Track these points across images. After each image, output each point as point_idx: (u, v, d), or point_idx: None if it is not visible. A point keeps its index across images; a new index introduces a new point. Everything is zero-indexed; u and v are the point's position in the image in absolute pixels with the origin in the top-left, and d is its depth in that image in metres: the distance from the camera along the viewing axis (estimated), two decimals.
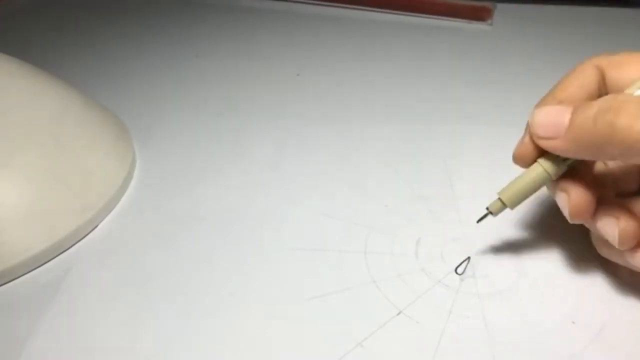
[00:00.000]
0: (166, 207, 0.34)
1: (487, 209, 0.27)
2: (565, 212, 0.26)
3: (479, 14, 0.56)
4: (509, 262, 0.29)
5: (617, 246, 0.25)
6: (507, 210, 0.27)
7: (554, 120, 0.24)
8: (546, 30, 0.54)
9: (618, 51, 0.26)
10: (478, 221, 0.28)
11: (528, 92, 0.44)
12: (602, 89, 0.26)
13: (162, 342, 0.26)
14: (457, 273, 0.29)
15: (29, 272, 0.30)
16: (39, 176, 0.31)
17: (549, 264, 0.29)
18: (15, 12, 0.61)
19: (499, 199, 0.27)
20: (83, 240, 0.32)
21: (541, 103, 0.27)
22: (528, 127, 0.26)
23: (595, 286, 0.27)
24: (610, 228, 0.25)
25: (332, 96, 0.45)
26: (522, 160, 0.27)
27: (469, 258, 0.29)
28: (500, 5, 0.58)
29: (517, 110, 0.41)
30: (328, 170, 0.36)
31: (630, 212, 0.25)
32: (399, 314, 0.27)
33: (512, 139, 0.27)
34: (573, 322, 0.26)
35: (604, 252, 0.27)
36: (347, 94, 0.45)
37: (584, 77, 0.26)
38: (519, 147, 0.27)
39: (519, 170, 0.27)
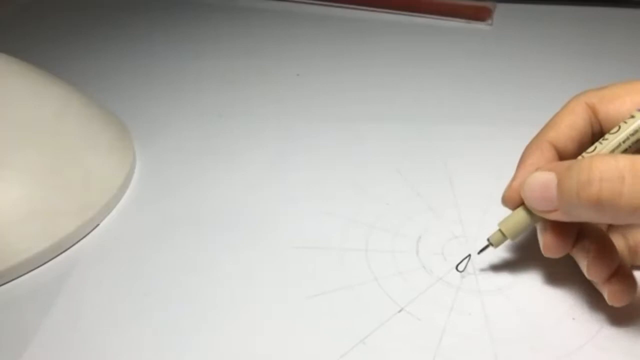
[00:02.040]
0: (166, 207, 0.34)
1: (488, 240, 0.27)
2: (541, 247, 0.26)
3: (479, 14, 0.56)
4: (509, 259, 0.29)
5: (587, 277, 0.25)
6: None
7: (543, 195, 0.23)
8: (546, 30, 0.54)
9: (605, 85, 0.26)
10: (479, 252, 0.28)
11: (528, 91, 0.44)
12: (595, 126, 0.26)
13: (162, 341, 0.26)
14: (458, 270, 0.29)
15: (29, 272, 0.30)
16: (38, 176, 0.31)
17: (549, 261, 0.29)
18: (15, 12, 0.61)
19: (500, 230, 0.27)
20: (83, 240, 0.32)
21: (532, 143, 0.27)
22: (516, 173, 0.26)
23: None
24: (581, 261, 0.25)
25: (332, 96, 0.45)
26: (511, 203, 0.26)
27: (469, 255, 0.29)
28: (500, 5, 0.58)
29: (517, 110, 0.42)
30: (329, 169, 0.36)
31: (604, 243, 0.25)
32: (400, 311, 0.27)
33: (512, 138, 0.27)
34: (573, 319, 0.26)
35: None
36: (347, 94, 0.45)
37: (575, 116, 0.26)
38: (507, 191, 0.26)
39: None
